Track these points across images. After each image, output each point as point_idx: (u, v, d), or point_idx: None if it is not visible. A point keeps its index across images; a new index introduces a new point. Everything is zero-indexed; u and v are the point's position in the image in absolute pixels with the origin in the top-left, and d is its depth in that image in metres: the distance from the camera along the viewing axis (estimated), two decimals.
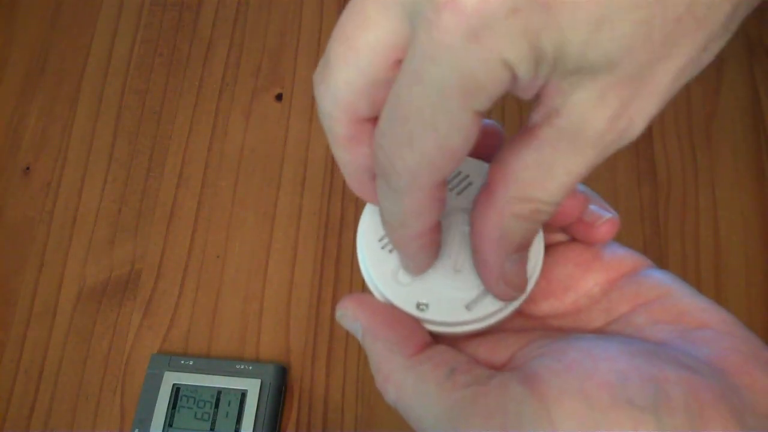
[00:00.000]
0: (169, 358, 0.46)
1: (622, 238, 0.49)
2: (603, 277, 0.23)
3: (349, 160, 0.20)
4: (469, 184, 0.23)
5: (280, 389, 0.46)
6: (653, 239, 0.50)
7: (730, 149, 0.53)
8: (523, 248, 0.21)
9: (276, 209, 0.52)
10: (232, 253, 0.51)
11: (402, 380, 0.20)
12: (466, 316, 0.21)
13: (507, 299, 0.22)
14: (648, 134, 0.53)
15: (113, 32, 0.59)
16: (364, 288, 0.53)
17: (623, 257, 0.23)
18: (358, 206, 0.52)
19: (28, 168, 0.54)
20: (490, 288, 0.21)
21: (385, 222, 0.21)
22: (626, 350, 0.19)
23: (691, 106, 0.54)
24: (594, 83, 0.17)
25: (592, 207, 0.23)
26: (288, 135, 0.54)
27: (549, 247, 0.24)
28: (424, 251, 0.21)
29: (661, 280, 0.22)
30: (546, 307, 0.23)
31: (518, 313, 0.23)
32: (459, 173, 0.23)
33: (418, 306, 0.21)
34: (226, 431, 0.44)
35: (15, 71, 0.58)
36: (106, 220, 0.52)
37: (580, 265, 0.23)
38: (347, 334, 0.48)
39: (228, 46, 0.58)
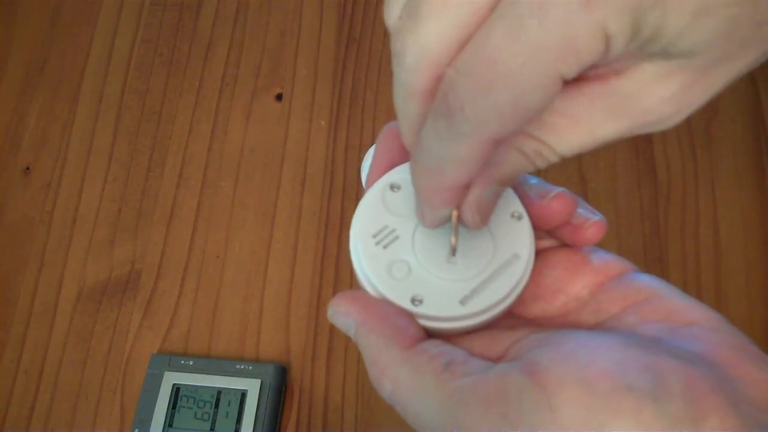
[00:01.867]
0: (169, 358, 0.46)
1: (622, 238, 0.49)
2: (591, 280, 0.23)
3: (417, 113, 0.20)
4: None
5: (280, 389, 0.46)
6: (653, 239, 0.50)
7: (730, 149, 0.53)
8: (506, 182, 0.21)
9: (276, 209, 0.52)
10: (232, 253, 0.51)
11: (398, 373, 0.20)
12: (461, 311, 0.21)
13: (470, 226, 0.22)
14: (648, 134, 0.53)
15: (113, 32, 0.59)
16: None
17: (610, 261, 0.24)
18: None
19: (28, 168, 0.54)
20: (461, 211, 0.21)
21: (422, 166, 0.20)
22: (623, 341, 0.19)
23: None
24: (667, 63, 0.17)
25: (579, 210, 0.23)
26: (288, 135, 0.54)
27: (538, 253, 0.24)
28: (446, 205, 0.21)
29: (648, 282, 0.22)
30: (536, 309, 0.24)
31: (509, 315, 0.23)
32: None
33: (413, 300, 0.21)
34: (226, 431, 0.44)
35: (15, 71, 0.58)
36: (106, 220, 0.52)
37: (569, 269, 0.23)
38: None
39: (228, 46, 0.58)
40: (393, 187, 0.23)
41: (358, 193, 0.52)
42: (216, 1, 0.60)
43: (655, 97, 0.18)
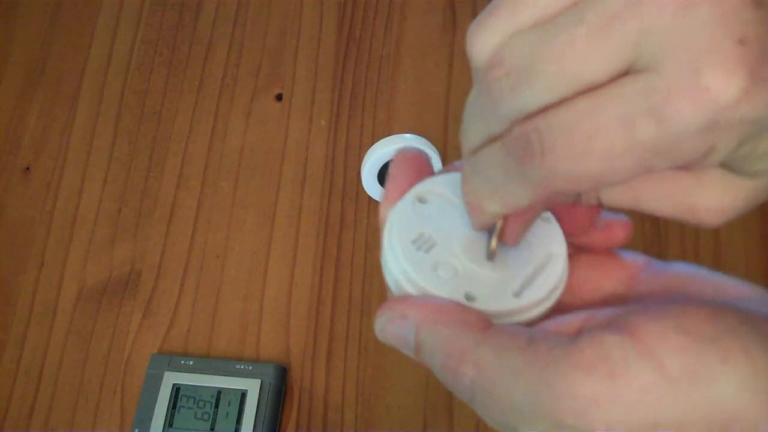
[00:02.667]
0: (169, 358, 0.46)
1: None
2: (621, 274, 0.23)
3: (489, 133, 0.19)
4: None
5: (280, 389, 0.46)
6: (653, 239, 0.50)
7: None
8: (548, 209, 0.22)
9: (276, 209, 0.52)
10: (232, 253, 0.51)
11: (479, 356, 0.19)
12: (516, 303, 0.21)
13: (507, 243, 0.22)
14: None
15: (113, 32, 0.59)
16: (365, 286, 0.53)
17: (631, 256, 0.23)
18: (358, 206, 0.52)
19: (28, 168, 0.54)
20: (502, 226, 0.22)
21: (473, 185, 0.20)
22: (704, 301, 0.19)
23: None
24: (731, 175, 0.18)
25: (602, 212, 0.23)
26: (288, 135, 0.54)
27: None
28: (488, 220, 0.21)
29: (681, 267, 0.22)
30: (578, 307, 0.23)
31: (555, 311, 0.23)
32: None
33: (467, 297, 0.21)
34: (226, 431, 0.44)
35: (15, 71, 0.58)
36: (106, 220, 0.52)
37: (596, 268, 0.23)
38: (347, 334, 0.48)
39: (228, 46, 0.58)
40: (421, 200, 0.23)
41: (358, 193, 0.52)
42: (216, 1, 0.60)
43: (707, 201, 0.19)
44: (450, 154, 0.53)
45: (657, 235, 0.50)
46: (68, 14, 0.60)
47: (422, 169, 0.23)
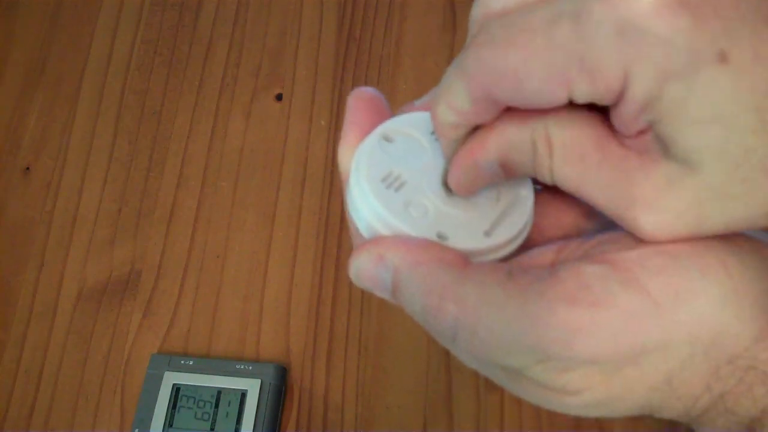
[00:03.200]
0: (169, 358, 0.46)
1: None
2: (582, 208, 0.22)
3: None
4: None
5: (280, 389, 0.46)
6: None
7: None
8: (503, 162, 0.21)
9: (276, 209, 0.52)
10: (232, 253, 0.51)
11: (461, 292, 0.18)
12: (488, 242, 0.21)
13: (455, 188, 0.21)
14: None
15: (113, 32, 0.59)
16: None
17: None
18: None
19: (28, 168, 0.54)
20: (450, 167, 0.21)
21: (438, 90, 0.20)
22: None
23: None
24: (677, 167, 0.17)
25: None
26: (288, 135, 0.54)
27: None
28: (450, 136, 0.21)
29: None
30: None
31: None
32: None
33: (439, 236, 0.21)
34: (226, 431, 0.44)
35: (15, 71, 0.58)
36: (106, 220, 0.52)
37: (556, 204, 0.22)
38: (347, 334, 0.48)
39: (228, 46, 0.58)
40: (387, 139, 0.22)
41: None
42: (216, 1, 0.60)
43: (647, 193, 0.18)
44: None
45: None
46: (68, 14, 0.60)
47: (380, 111, 0.23)
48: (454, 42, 0.57)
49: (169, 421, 0.44)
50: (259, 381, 0.45)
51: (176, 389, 0.45)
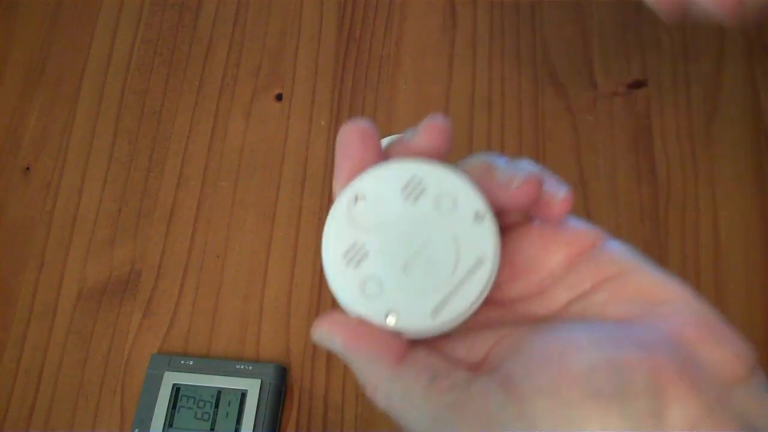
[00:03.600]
0: (169, 358, 0.46)
1: (622, 237, 0.50)
2: (564, 254, 0.23)
3: None
4: (424, 189, 0.23)
5: (280, 389, 0.46)
6: (653, 239, 0.50)
7: (730, 149, 0.53)
8: None
9: (276, 209, 0.52)
10: (232, 253, 0.51)
11: (389, 390, 0.22)
12: (433, 322, 0.22)
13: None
14: (648, 134, 0.53)
15: (113, 32, 0.59)
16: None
17: (580, 233, 0.24)
18: None
19: (28, 168, 0.54)
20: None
21: None
22: (592, 338, 0.20)
23: (691, 106, 0.54)
24: None
25: (545, 185, 0.24)
26: (288, 135, 0.54)
27: (509, 229, 0.24)
28: None
29: (619, 255, 0.23)
30: (514, 291, 0.24)
31: (489, 301, 0.23)
32: (412, 179, 0.23)
33: (388, 316, 0.22)
34: (226, 431, 0.44)
35: (15, 71, 0.58)
36: (106, 220, 0.52)
37: (542, 245, 0.24)
38: None
39: (228, 46, 0.58)
40: (358, 198, 0.23)
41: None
42: (216, 1, 0.60)
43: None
44: (450, 154, 0.53)
45: (657, 235, 0.50)
46: (68, 14, 0.60)
47: (371, 144, 0.24)
48: (454, 42, 0.57)
49: (169, 421, 0.44)
50: (259, 381, 0.45)
51: (176, 389, 0.45)
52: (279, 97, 0.56)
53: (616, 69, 0.56)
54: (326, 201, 0.52)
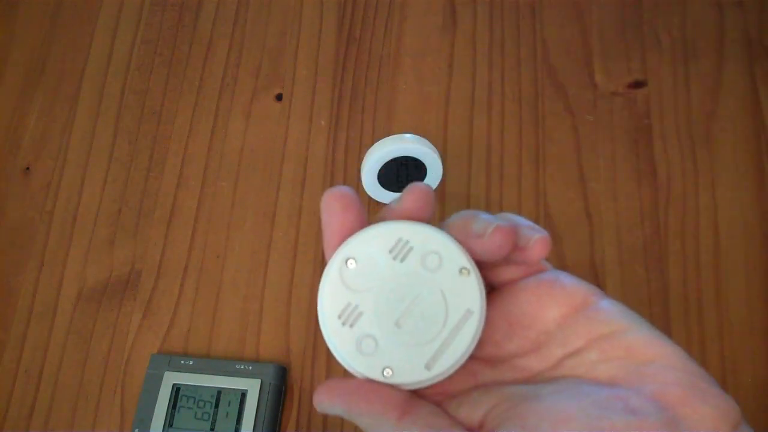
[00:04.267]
0: (169, 358, 0.46)
1: (622, 237, 0.49)
2: (558, 312, 0.24)
3: None
4: (410, 249, 0.24)
5: (280, 389, 0.46)
6: (653, 239, 0.50)
7: (730, 149, 0.53)
8: None
9: (276, 209, 0.52)
10: (232, 253, 0.51)
11: None
12: (427, 375, 0.24)
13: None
14: (648, 134, 0.53)
15: (113, 32, 0.59)
16: None
17: (573, 290, 0.25)
18: None
19: (28, 168, 0.54)
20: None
21: None
22: (581, 406, 0.21)
23: (691, 106, 0.54)
24: None
25: (522, 230, 0.25)
26: (288, 135, 0.54)
27: (504, 287, 0.26)
28: None
29: (612, 314, 0.24)
30: (511, 347, 0.25)
31: (488, 359, 0.25)
32: (399, 240, 0.24)
33: (384, 372, 0.24)
34: (226, 431, 0.44)
35: (15, 71, 0.58)
36: (106, 220, 0.52)
37: (536, 302, 0.25)
38: None
39: (228, 46, 0.58)
40: (348, 261, 0.25)
41: (358, 193, 0.52)
42: (216, 1, 0.60)
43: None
44: (450, 154, 0.53)
45: (657, 235, 0.50)
46: (68, 14, 0.60)
47: (352, 210, 0.25)
48: (454, 42, 0.57)
49: (169, 421, 0.44)
50: (259, 381, 0.45)
51: (176, 389, 0.45)
52: (279, 97, 0.56)
53: (616, 69, 0.56)
54: None
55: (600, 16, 0.58)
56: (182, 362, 0.46)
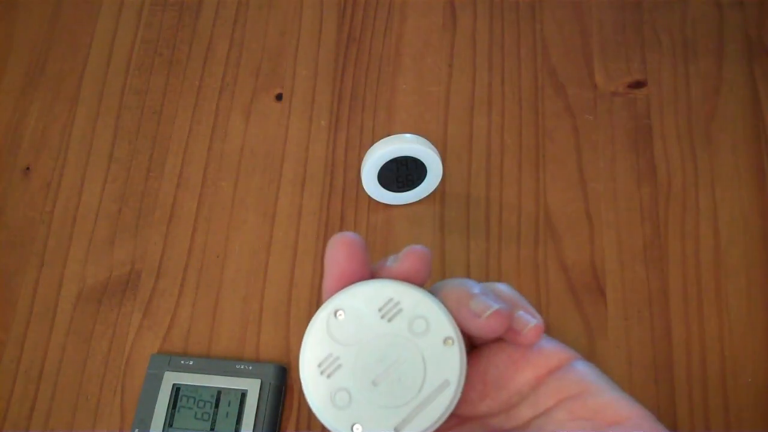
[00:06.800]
0: (169, 358, 0.46)
1: (622, 237, 0.50)
2: (532, 374, 0.25)
3: None
4: (400, 310, 0.25)
5: (280, 389, 0.46)
6: (653, 239, 0.50)
7: (730, 149, 0.53)
8: None
9: (276, 209, 0.52)
10: (232, 253, 0.51)
11: None
12: None
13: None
14: (648, 134, 0.53)
15: (113, 32, 0.59)
16: None
17: (550, 354, 0.25)
18: (358, 206, 0.52)
19: (28, 168, 0.54)
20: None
21: None
22: None
23: (691, 106, 0.54)
24: None
25: (518, 313, 0.25)
26: (288, 135, 0.54)
27: (482, 348, 0.26)
28: None
29: (583, 376, 0.24)
30: (484, 407, 0.25)
31: (461, 417, 0.25)
32: (390, 300, 0.25)
33: (353, 428, 0.24)
34: (226, 431, 0.44)
35: (15, 71, 0.58)
36: (106, 220, 0.52)
37: (511, 365, 0.25)
38: None
39: (228, 46, 0.58)
40: (338, 312, 0.25)
41: (358, 193, 0.52)
42: (216, 1, 0.60)
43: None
44: (450, 154, 0.53)
45: (657, 235, 0.50)
46: (68, 14, 0.60)
47: (357, 256, 0.25)
48: (454, 42, 0.57)
49: (169, 421, 0.44)
50: (259, 381, 0.45)
51: (176, 389, 0.45)
52: (279, 97, 0.56)
53: (616, 69, 0.56)
54: (326, 201, 0.52)
55: (600, 16, 0.58)
56: (182, 362, 0.46)
